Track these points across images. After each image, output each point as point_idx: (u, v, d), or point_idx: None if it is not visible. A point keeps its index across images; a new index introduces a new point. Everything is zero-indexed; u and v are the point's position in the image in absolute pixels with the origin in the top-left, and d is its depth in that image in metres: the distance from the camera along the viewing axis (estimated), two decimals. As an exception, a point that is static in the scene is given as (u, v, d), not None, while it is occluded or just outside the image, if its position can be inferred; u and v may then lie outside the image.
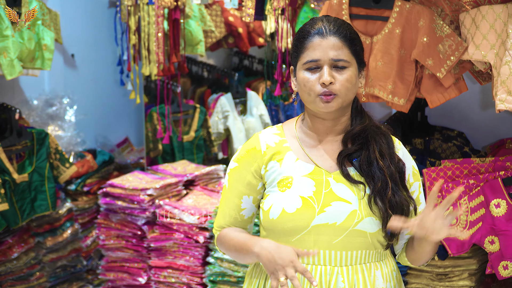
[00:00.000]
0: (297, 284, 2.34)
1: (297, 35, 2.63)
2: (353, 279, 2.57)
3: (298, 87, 2.61)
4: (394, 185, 2.58)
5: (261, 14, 4.45)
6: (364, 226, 2.54)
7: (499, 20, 3.50)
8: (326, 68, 2.53)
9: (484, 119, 4.63)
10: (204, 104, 5.98)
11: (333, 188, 2.56)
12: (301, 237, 2.55)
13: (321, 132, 2.65)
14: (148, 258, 4.85)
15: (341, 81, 2.54)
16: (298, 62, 2.60)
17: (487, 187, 3.72)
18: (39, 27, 4.56)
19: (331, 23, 2.59)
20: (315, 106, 2.56)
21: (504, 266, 3.69)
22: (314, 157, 2.63)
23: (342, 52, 2.56)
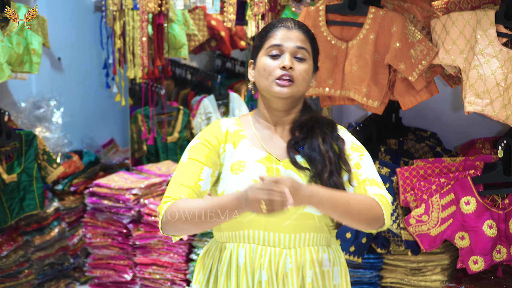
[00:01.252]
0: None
1: (263, 29, 2.76)
2: (300, 260, 2.66)
3: (257, 74, 2.71)
4: (332, 168, 2.65)
5: (242, 20, 4.55)
6: (312, 209, 2.62)
7: (468, 26, 3.64)
8: (288, 55, 2.66)
9: (455, 121, 4.74)
10: (188, 106, 6.03)
11: (282, 175, 2.66)
12: (253, 218, 2.63)
13: (273, 122, 2.76)
14: (134, 255, 4.94)
15: (299, 70, 2.66)
16: (261, 50, 2.72)
17: (457, 185, 3.83)
18: (27, 32, 4.61)
19: (297, 22, 2.74)
20: (270, 91, 2.66)
21: (474, 261, 3.81)
22: (266, 145, 2.73)
23: (304, 44, 2.70)
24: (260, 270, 2.66)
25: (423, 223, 3.88)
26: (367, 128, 4.33)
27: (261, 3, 4.34)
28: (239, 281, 2.67)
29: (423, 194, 3.91)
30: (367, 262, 4.18)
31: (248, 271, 2.67)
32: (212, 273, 2.74)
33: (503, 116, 3.59)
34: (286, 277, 2.66)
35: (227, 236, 2.72)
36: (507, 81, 3.56)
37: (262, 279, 2.65)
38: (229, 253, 2.70)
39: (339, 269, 2.78)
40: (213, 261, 2.75)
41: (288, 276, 2.66)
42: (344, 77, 4.00)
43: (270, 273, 2.66)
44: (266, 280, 2.65)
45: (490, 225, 3.76)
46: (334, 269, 2.75)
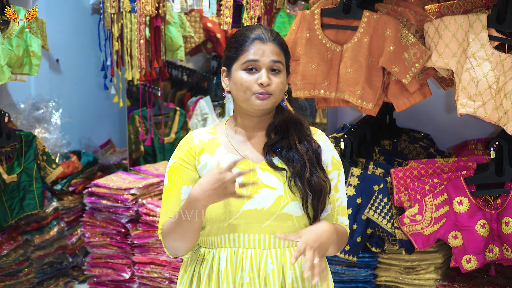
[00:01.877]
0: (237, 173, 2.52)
1: (236, 38, 2.77)
2: (281, 261, 2.70)
3: (233, 86, 2.73)
4: (312, 166, 2.71)
5: (238, 23, 4.55)
6: (290, 210, 2.68)
7: (461, 30, 3.69)
8: (264, 70, 2.69)
9: (448, 122, 4.78)
10: (184, 107, 6.04)
11: (260, 177, 2.70)
12: (233, 221, 2.68)
13: (249, 128, 2.79)
14: (132, 254, 4.97)
15: (276, 83, 2.69)
16: (236, 63, 2.72)
17: (450, 185, 3.87)
18: (27, 34, 4.64)
19: (269, 31, 2.75)
20: (250, 104, 2.69)
21: (467, 260, 3.85)
22: (241, 150, 2.77)
23: (279, 57, 2.72)
24: (242, 272, 2.70)
25: (417, 222, 3.91)
26: (361, 129, 4.36)
27: (257, 6, 4.35)
28: (221, 284, 2.71)
29: (417, 194, 3.95)
30: (362, 261, 4.22)
31: (229, 275, 2.70)
32: (194, 278, 2.78)
33: (495, 117, 3.64)
34: (268, 278, 2.70)
35: (209, 241, 2.75)
36: (499, 84, 3.60)
37: (244, 281, 2.69)
38: (211, 258, 2.74)
39: None
40: (195, 266, 2.78)
41: (269, 277, 2.70)
42: (339, 79, 4.04)
43: (252, 274, 2.69)
44: (248, 282, 2.69)
45: (482, 225, 3.80)
46: None
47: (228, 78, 2.76)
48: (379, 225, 4.06)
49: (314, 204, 2.71)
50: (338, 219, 2.79)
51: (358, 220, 4.07)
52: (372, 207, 4.05)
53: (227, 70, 2.76)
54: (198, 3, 4.75)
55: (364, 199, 4.07)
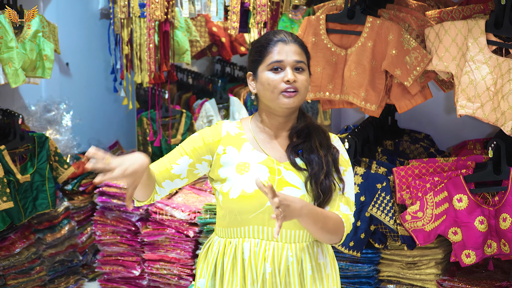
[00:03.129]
0: None
1: (259, 42, 2.89)
2: (300, 254, 2.86)
3: (261, 87, 2.85)
4: (328, 169, 2.83)
5: (245, 27, 4.67)
6: None
7: (460, 35, 3.75)
8: (289, 68, 2.81)
9: (448, 123, 4.82)
10: (190, 109, 6.12)
11: (284, 176, 2.83)
12: (257, 215, 2.81)
13: (273, 127, 2.91)
14: (142, 251, 5.05)
15: (301, 80, 2.82)
16: (261, 65, 2.85)
17: (450, 183, 3.91)
18: (40, 38, 4.75)
19: (290, 34, 2.89)
20: (278, 102, 2.81)
21: (467, 255, 3.91)
22: (266, 149, 2.89)
23: (302, 57, 2.85)
24: (264, 263, 2.82)
25: (418, 219, 3.96)
26: (365, 130, 4.40)
27: (263, 12, 4.45)
28: (245, 273, 2.84)
29: (418, 192, 3.99)
30: (365, 256, 4.27)
31: (252, 264, 2.84)
32: (218, 267, 2.90)
33: (493, 118, 3.69)
34: (288, 269, 2.84)
35: (231, 232, 2.88)
36: (497, 86, 3.66)
37: (266, 271, 2.82)
38: (234, 248, 2.87)
39: (329, 260, 2.97)
40: (217, 256, 2.91)
41: (289, 269, 2.84)
42: (343, 82, 4.11)
43: (273, 265, 2.82)
44: (270, 272, 2.82)
45: (481, 221, 3.85)
46: (326, 261, 2.94)
47: (255, 80, 2.88)
48: (382, 222, 4.10)
49: (320, 203, 2.83)
50: (340, 205, 2.87)
51: (362, 217, 4.11)
52: (375, 205, 4.09)
53: (253, 73, 2.88)
54: (206, 9, 4.82)
55: (368, 197, 4.10)
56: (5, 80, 4.58)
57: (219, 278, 2.90)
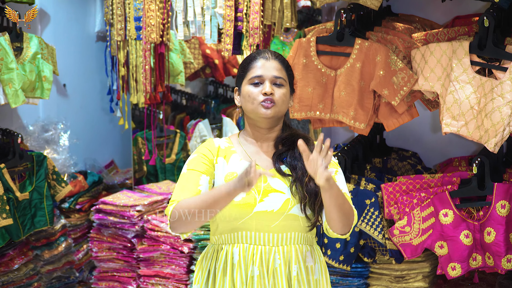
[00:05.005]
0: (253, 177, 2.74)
1: (244, 60, 3.09)
2: (287, 257, 2.99)
3: (243, 100, 3.04)
4: None
5: (238, 49, 4.72)
6: (296, 211, 2.97)
7: (445, 56, 3.84)
8: (267, 82, 2.99)
9: (435, 141, 4.88)
10: (184, 129, 6.20)
11: (269, 182, 2.99)
12: (245, 221, 2.97)
13: (258, 139, 3.09)
14: (137, 267, 5.10)
15: (279, 94, 3.00)
16: (244, 80, 3.03)
17: (436, 199, 3.98)
18: (39, 60, 4.85)
19: (273, 53, 3.07)
20: (256, 113, 3.00)
21: (453, 267, 3.97)
22: (254, 158, 3.06)
23: (281, 73, 3.03)
24: (253, 266, 2.97)
25: (405, 233, 4.02)
26: (354, 148, 4.46)
27: (256, 34, 4.52)
28: (234, 276, 2.98)
29: (406, 207, 4.06)
30: (355, 270, 4.33)
31: (242, 268, 2.98)
32: (210, 273, 3.04)
33: (477, 136, 3.77)
34: (276, 271, 2.98)
35: (223, 238, 3.03)
36: (480, 105, 3.74)
37: (255, 274, 2.96)
38: (225, 253, 3.02)
39: (320, 266, 3.09)
40: (210, 262, 3.06)
41: (277, 271, 2.98)
42: (333, 101, 4.18)
43: (261, 268, 2.97)
44: (258, 275, 2.96)
45: (466, 235, 3.91)
46: (315, 266, 3.06)
47: (239, 95, 3.06)
48: (371, 236, 4.16)
49: (311, 204, 2.97)
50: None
51: (352, 231, 3.97)
52: (365, 220, 4.15)
53: (238, 88, 3.07)
54: (200, 31, 4.87)
55: (357, 212, 3.98)
56: (5, 101, 4.65)
57: (211, 282, 3.03)
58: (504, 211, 3.87)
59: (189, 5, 4.82)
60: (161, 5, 4.97)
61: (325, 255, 4.24)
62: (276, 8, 4.56)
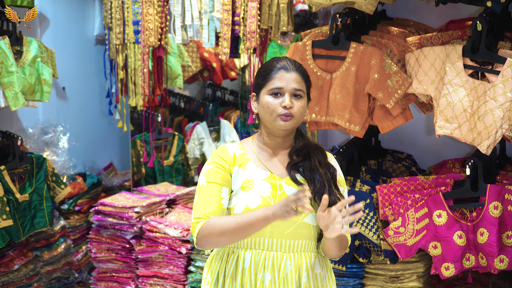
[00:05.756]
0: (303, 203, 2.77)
1: (264, 68, 3.09)
2: (298, 263, 3.02)
3: (261, 109, 3.05)
4: (330, 187, 3.01)
5: (235, 53, 4.80)
6: (309, 220, 3.01)
7: (438, 60, 3.88)
8: (287, 95, 3.00)
9: (429, 143, 4.91)
10: (182, 131, 6.23)
11: (285, 190, 3.02)
12: None
13: (273, 147, 3.11)
14: (136, 268, 5.13)
15: (298, 106, 3.02)
16: (263, 89, 3.04)
17: (430, 200, 4.02)
18: (39, 64, 4.90)
19: (293, 63, 3.08)
20: (274, 124, 3.02)
21: (446, 267, 4.01)
22: (268, 166, 3.08)
23: (301, 85, 3.04)
24: (264, 272, 3.00)
25: (400, 234, 4.06)
26: (349, 150, 4.48)
27: (253, 38, 4.58)
28: (244, 282, 3.01)
29: (400, 208, 4.09)
30: (350, 271, 4.36)
31: (252, 273, 3.01)
32: (220, 275, 3.07)
33: (470, 138, 3.82)
34: (286, 277, 3.01)
35: (236, 242, 3.05)
36: (473, 108, 3.78)
37: (266, 279, 2.99)
38: (236, 257, 3.04)
39: (327, 272, 3.13)
40: (220, 264, 3.08)
41: (288, 277, 3.01)
42: (328, 104, 4.22)
43: (273, 274, 3.00)
44: (270, 280, 2.99)
45: (460, 235, 3.95)
46: (323, 273, 3.10)
47: (257, 102, 3.08)
48: (366, 237, 4.19)
49: None
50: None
51: None
52: (360, 221, 4.18)
53: (256, 95, 3.09)
54: (198, 35, 4.92)
55: None
56: (5, 103, 4.70)
57: (221, 285, 3.06)
58: (497, 212, 3.91)
59: (187, 9, 4.88)
60: (159, 9, 5.01)
61: (321, 256, 4.27)
62: (272, 12, 4.61)
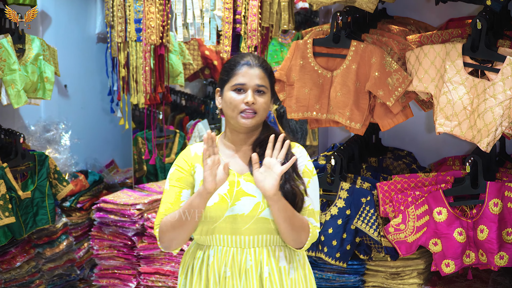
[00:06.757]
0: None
1: (228, 64, 3.11)
2: (259, 258, 3.06)
3: (224, 105, 3.06)
4: (287, 175, 3.03)
5: (236, 51, 4.78)
6: (266, 214, 3.03)
7: (438, 58, 3.88)
8: (250, 91, 3.02)
9: (429, 141, 4.92)
10: (183, 129, 6.25)
11: (242, 187, 3.05)
12: (219, 224, 3.04)
13: (237, 143, 3.13)
14: (138, 265, 5.16)
15: (261, 102, 3.04)
16: (227, 85, 3.05)
17: (430, 197, 4.02)
18: (41, 61, 4.91)
19: (256, 58, 3.10)
20: (237, 121, 3.04)
21: (446, 264, 4.01)
22: (230, 163, 3.09)
23: (264, 81, 3.06)
24: (225, 267, 3.06)
25: (400, 231, 4.06)
26: (350, 147, 4.49)
27: (254, 36, 4.59)
28: (209, 276, 3.08)
29: (401, 205, 4.09)
30: (351, 268, 4.37)
31: (215, 268, 3.07)
32: (189, 269, 3.15)
33: (470, 136, 3.82)
34: (247, 272, 3.06)
35: (202, 239, 3.13)
36: (473, 105, 3.78)
37: (226, 275, 3.05)
38: (202, 253, 3.12)
39: (295, 265, 3.15)
40: (190, 260, 3.16)
41: (248, 272, 3.06)
42: (329, 102, 4.23)
43: (234, 269, 3.05)
44: (229, 276, 3.05)
45: (460, 232, 3.95)
46: (290, 266, 3.12)
47: (221, 97, 3.10)
48: (367, 234, 4.20)
49: None
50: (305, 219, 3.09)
51: (348, 229, 4.22)
52: (360, 218, 4.19)
53: (220, 90, 3.11)
54: (199, 33, 4.93)
55: (353, 210, 4.20)
56: (8, 101, 4.72)
57: (189, 279, 3.14)
58: (497, 209, 3.92)
59: (188, 8, 4.89)
60: (161, 7, 5.02)
61: (322, 252, 4.29)
62: (273, 10, 4.61)
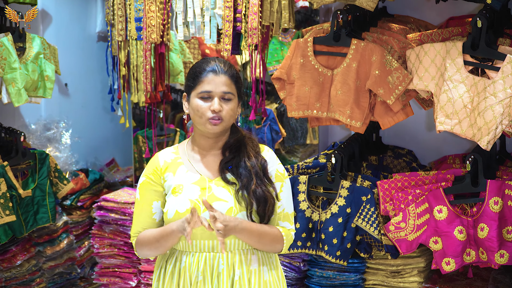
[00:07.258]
0: (188, 231, 2.90)
1: (194, 69, 3.12)
2: (231, 262, 3.08)
3: (191, 111, 3.09)
4: (258, 179, 3.08)
5: (237, 50, 4.79)
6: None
7: (439, 56, 3.90)
8: (217, 99, 3.03)
9: (429, 139, 4.94)
10: (183, 127, 6.19)
11: (214, 192, 3.07)
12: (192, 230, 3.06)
13: (205, 147, 3.16)
14: (138, 263, 5.18)
15: (227, 110, 3.06)
16: (193, 91, 3.07)
17: (431, 195, 4.03)
18: (42, 60, 4.92)
19: (222, 64, 3.10)
20: (204, 127, 3.06)
21: (447, 262, 4.03)
22: (199, 169, 3.13)
23: (230, 88, 3.08)
24: (197, 272, 3.08)
25: (401, 229, 4.07)
26: (350, 146, 4.51)
27: (254, 35, 4.58)
28: (180, 280, 3.11)
29: (401, 203, 4.11)
30: (351, 266, 4.38)
31: (186, 273, 3.09)
32: (161, 272, 3.18)
33: (470, 134, 3.84)
34: (219, 276, 3.08)
35: (175, 245, 3.14)
36: (473, 104, 3.80)
37: (198, 279, 3.07)
38: (175, 258, 3.14)
39: (269, 267, 3.18)
40: (163, 263, 3.19)
41: (220, 276, 3.08)
42: (330, 100, 4.25)
43: (205, 274, 3.07)
44: (201, 280, 3.07)
45: (460, 230, 3.96)
46: (263, 268, 3.15)
47: (188, 102, 3.12)
48: (367, 232, 4.21)
49: (260, 211, 3.08)
50: (279, 223, 3.15)
51: (348, 227, 4.23)
52: (361, 216, 4.20)
53: (187, 95, 3.13)
54: (199, 32, 4.93)
55: (353, 208, 4.22)
56: (8, 100, 4.73)
57: (161, 281, 3.16)
58: (497, 207, 3.93)
59: (189, 6, 4.89)
60: (161, 6, 5.02)
61: (322, 251, 4.30)
62: (274, 9, 4.61)
